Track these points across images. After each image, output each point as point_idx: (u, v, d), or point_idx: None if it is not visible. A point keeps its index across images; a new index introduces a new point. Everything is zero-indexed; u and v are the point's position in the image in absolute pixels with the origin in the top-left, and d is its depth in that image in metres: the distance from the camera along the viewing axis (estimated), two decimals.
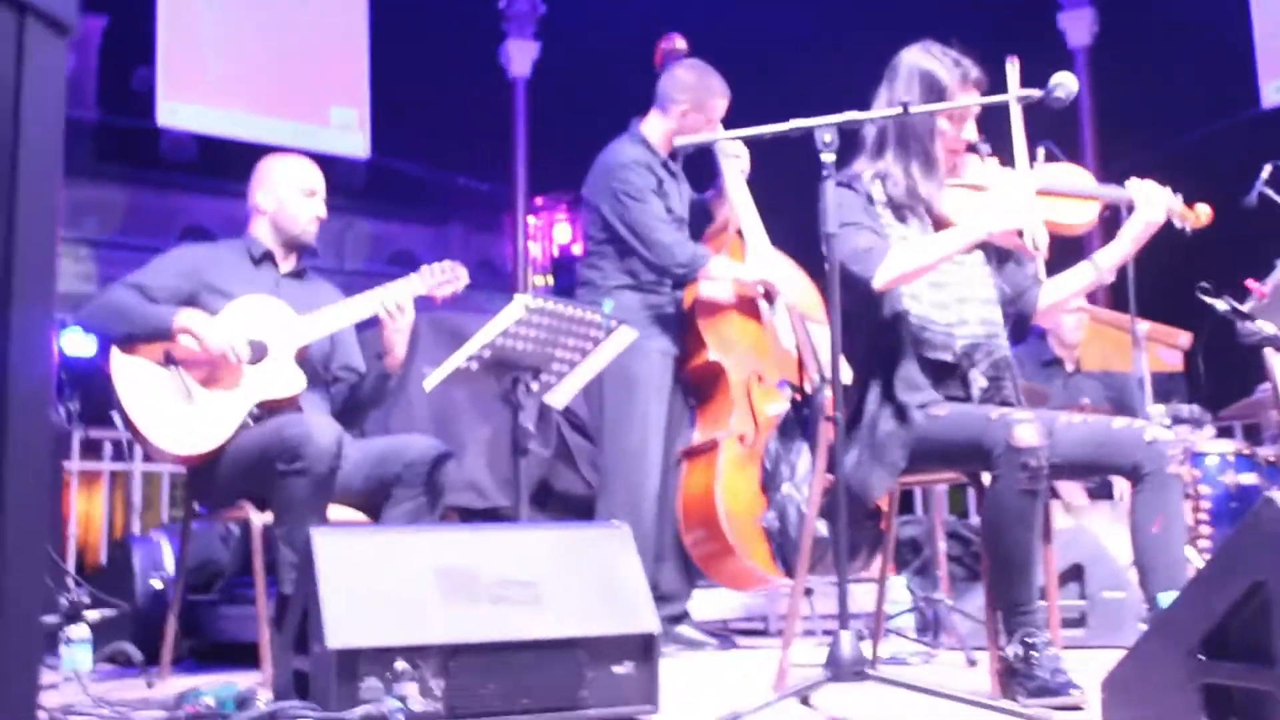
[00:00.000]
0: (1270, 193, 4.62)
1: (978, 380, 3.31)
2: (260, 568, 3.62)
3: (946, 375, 3.31)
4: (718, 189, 4.89)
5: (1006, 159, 3.39)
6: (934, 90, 3.30)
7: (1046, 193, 3.32)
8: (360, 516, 3.80)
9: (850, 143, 3.39)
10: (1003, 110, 3.27)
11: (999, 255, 3.49)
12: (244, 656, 4.21)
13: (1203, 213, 3.34)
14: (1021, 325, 3.57)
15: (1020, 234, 3.15)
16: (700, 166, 4.96)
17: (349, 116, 10.92)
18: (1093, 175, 3.47)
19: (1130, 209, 3.32)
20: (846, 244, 3.20)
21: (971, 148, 3.41)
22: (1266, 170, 4.64)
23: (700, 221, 4.91)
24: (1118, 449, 3.14)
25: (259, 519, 3.62)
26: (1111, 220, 3.44)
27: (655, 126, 4.76)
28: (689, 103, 4.71)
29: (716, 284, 4.69)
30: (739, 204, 4.80)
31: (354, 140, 10.72)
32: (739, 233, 4.80)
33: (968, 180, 3.41)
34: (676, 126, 4.71)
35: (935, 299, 3.32)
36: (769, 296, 4.66)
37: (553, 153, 12.06)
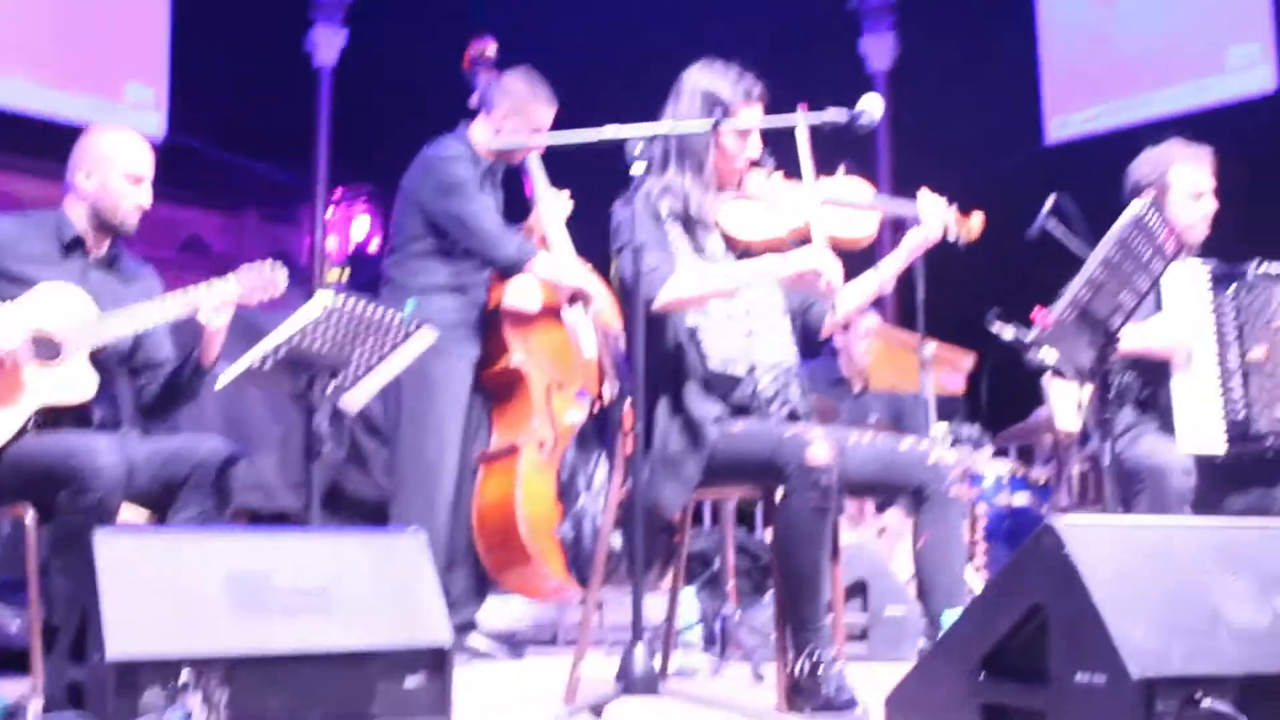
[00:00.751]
0: (1052, 224, 4.82)
1: (765, 391, 3.37)
2: (34, 568, 3.44)
3: (733, 386, 3.37)
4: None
5: (793, 174, 3.47)
6: (715, 107, 3.37)
7: (832, 204, 3.41)
8: (145, 514, 3.65)
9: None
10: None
11: None
12: (12, 663, 4.01)
13: (974, 225, 3.48)
14: (809, 339, 3.64)
15: (816, 275, 3.22)
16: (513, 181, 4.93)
17: (145, 95, 10.51)
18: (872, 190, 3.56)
19: (914, 220, 3.44)
20: (634, 262, 3.23)
21: (755, 163, 3.48)
22: (1049, 202, 4.84)
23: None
24: (903, 469, 3.25)
25: (35, 518, 3.44)
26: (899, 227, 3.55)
27: (480, 130, 4.69)
28: (511, 108, 4.66)
29: (523, 288, 4.67)
30: (545, 212, 4.78)
31: (149, 119, 10.30)
32: (543, 240, 4.78)
33: (751, 193, 3.48)
34: (500, 135, 4.64)
35: (725, 310, 3.38)
36: (581, 301, 4.63)
37: (354, 144, 11.84)
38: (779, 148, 3.51)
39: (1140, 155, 4.26)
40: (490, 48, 4.87)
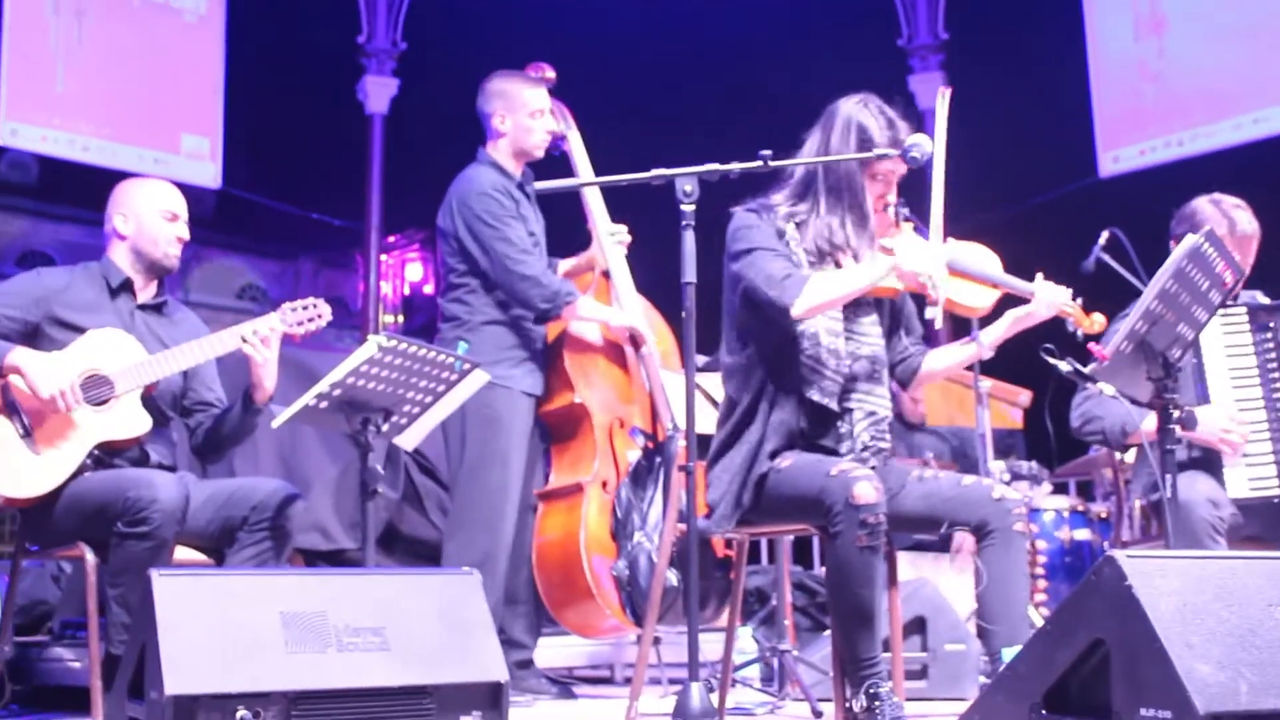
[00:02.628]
0: (1107, 258, 4.79)
1: (861, 436, 3.34)
2: (94, 609, 3.48)
3: (822, 422, 3.33)
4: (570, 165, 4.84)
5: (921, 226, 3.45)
6: (864, 144, 3.32)
7: (955, 272, 3.38)
8: (202, 558, 3.69)
9: (767, 176, 3.40)
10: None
11: (891, 316, 3.54)
12: (73, 702, 4.05)
13: (1096, 320, 3.50)
14: (898, 387, 3.65)
15: (923, 282, 3.21)
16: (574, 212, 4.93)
17: (201, 145, 10.70)
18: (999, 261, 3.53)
19: (1028, 300, 3.44)
20: (760, 269, 3.23)
21: (886, 208, 3.43)
22: (1104, 236, 4.82)
23: (555, 234, 4.82)
24: (965, 505, 3.21)
25: (95, 558, 3.48)
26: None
27: (498, 148, 4.68)
28: (501, 109, 4.64)
29: (585, 324, 4.62)
30: (606, 245, 4.76)
31: (205, 169, 10.49)
32: (605, 274, 4.76)
33: (883, 241, 3.41)
34: (509, 138, 4.63)
35: (831, 344, 3.32)
36: (635, 343, 4.63)
37: (407, 190, 11.97)
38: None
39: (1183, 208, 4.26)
40: (549, 71, 4.86)
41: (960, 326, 3.53)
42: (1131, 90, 10.66)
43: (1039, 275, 3.48)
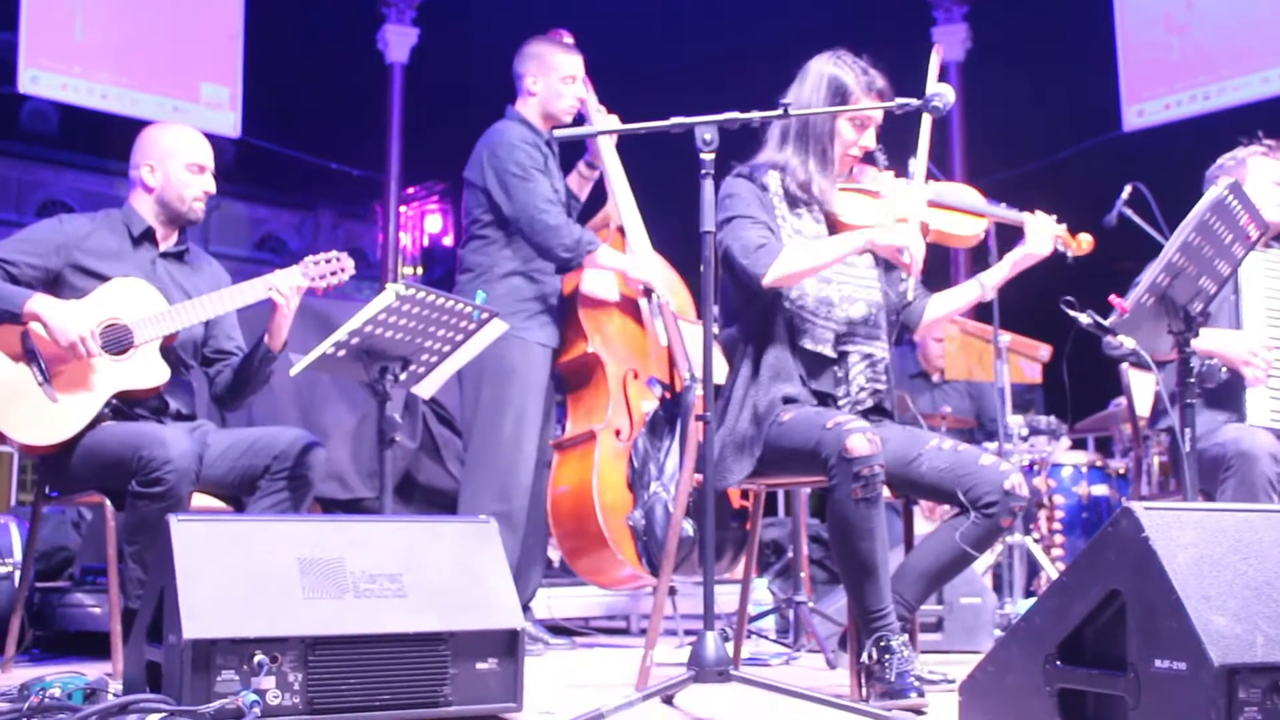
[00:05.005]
0: (1130, 213, 4.76)
1: (857, 380, 3.37)
2: (114, 555, 3.51)
3: (820, 370, 3.36)
4: (588, 157, 4.86)
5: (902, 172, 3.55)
6: (840, 95, 3.39)
7: (939, 205, 3.49)
8: (222, 506, 3.71)
9: (754, 138, 3.50)
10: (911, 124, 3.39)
11: (889, 261, 3.56)
12: (94, 647, 4.09)
13: (1084, 241, 3.55)
14: (901, 333, 3.66)
15: (900, 250, 3.25)
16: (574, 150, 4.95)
17: (220, 94, 10.68)
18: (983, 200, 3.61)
19: (1018, 229, 3.50)
20: (737, 236, 3.31)
21: (869, 156, 3.53)
22: (1126, 190, 4.79)
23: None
24: (976, 483, 3.21)
25: (113, 506, 3.51)
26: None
27: (527, 106, 4.74)
28: (536, 68, 4.72)
29: (600, 276, 4.67)
30: (622, 201, 4.79)
31: (224, 118, 10.47)
32: (620, 230, 4.79)
33: (864, 186, 3.51)
34: (539, 99, 4.71)
35: (819, 293, 3.38)
36: (648, 294, 4.67)
37: (427, 142, 11.93)
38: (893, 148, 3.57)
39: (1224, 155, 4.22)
40: (567, 38, 4.90)
41: (978, 262, 3.59)
42: (1158, 43, 10.55)
43: (1031, 213, 3.53)
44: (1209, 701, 2.04)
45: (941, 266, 3.62)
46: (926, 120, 3.41)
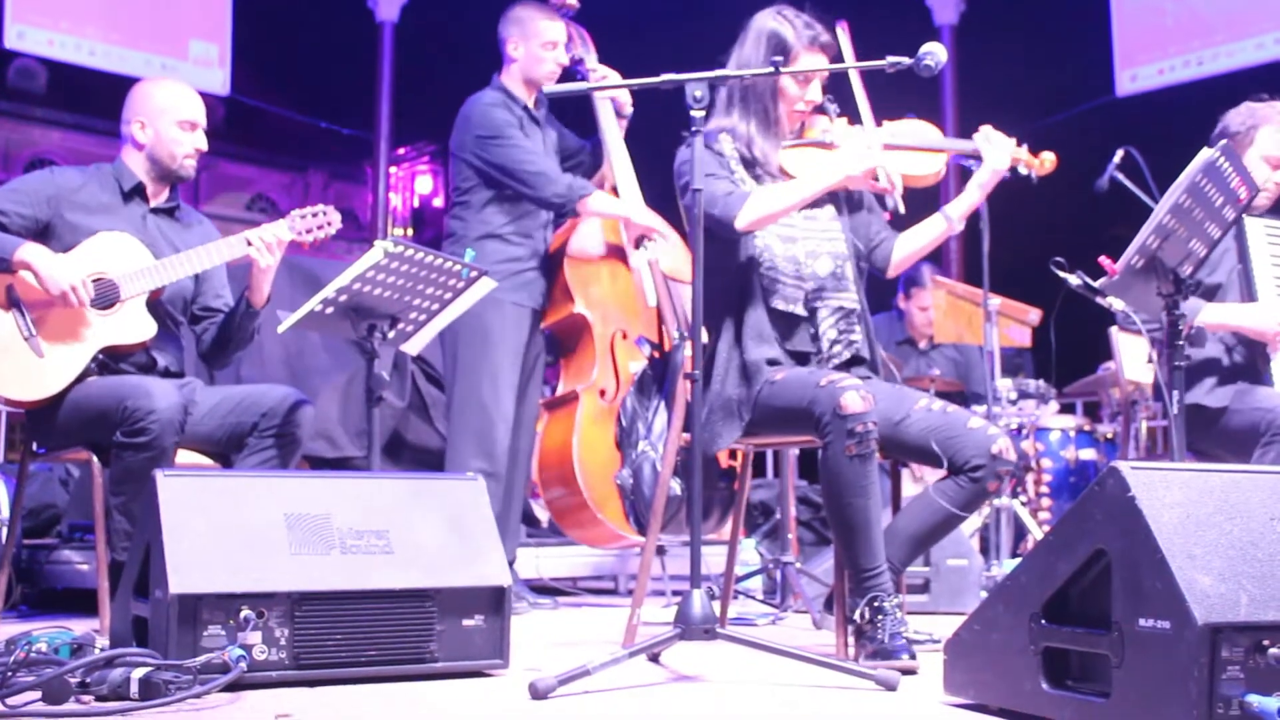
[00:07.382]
0: (1121, 177, 4.76)
1: (828, 334, 3.38)
2: (101, 512, 3.50)
3: (794, 328, 3.38)
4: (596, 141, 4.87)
5: (855, 120, 3.55)
6: (780, 51, 3.38)
7: (894, 147, 3.46)
8: (210, 463, 3.70)
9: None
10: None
11: (850, 207, 3.57)
12: (81, 604, 4.10)
13: (1046, 159, 3.52)
14: (878, 275, 3.66)
15: (875, 176, 3.28)
16: (585, 119, 4.93)
17: (209, 51, 10.60)
18: (938, 131, 3.59)
19: (978, 160, 3.48)
20: (707, 192, 3.27)
21: (820, 108, 3.51)
22: (1118, 155, 4.78)
23: (579, 170, 4.85)
24: (963, 446, 3.20)
25: (100, 462, 3.50)
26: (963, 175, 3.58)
27: (510, 74, 4.74)
28: (519, 34, 4.72)
29: (588, 235, 4.67)
30: (616, 159, 4.77)
31: (213, 76, 10.41)
32: (614, 189, 4.78)
33: (818, 139, 3.50)
34: (520, 64, 4.71)
35: (786, 252, 3.38)
36: (647, 240, 4.62)
37: (418, 102, 11.86)
38: (843, 95, 3.54)
39: (1241, 105, 4.17)
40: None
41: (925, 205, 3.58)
42: (1152, 8, 10.51)
43: (983, 129, 3.50)
44: (1192, 660, 2.04)
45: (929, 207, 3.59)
46: (855, 76, 3.47)
